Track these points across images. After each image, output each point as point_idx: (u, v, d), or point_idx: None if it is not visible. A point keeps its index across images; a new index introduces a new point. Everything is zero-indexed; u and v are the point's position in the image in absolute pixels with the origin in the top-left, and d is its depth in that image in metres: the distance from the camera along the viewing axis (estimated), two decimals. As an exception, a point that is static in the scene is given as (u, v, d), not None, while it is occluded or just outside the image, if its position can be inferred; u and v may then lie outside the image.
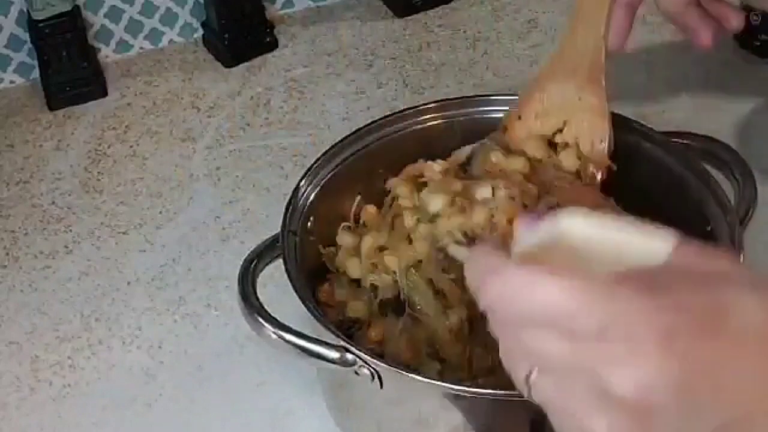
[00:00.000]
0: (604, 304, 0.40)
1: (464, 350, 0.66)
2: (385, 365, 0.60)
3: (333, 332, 0.62)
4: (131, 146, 0.97)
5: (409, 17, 1.10)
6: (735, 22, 0.70)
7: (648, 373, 0.39)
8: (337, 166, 0.73)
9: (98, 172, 0.94)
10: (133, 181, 0.93)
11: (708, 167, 0.71)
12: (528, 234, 0.44)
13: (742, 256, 0.64)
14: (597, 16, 0.71)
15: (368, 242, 0.70)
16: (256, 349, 0.77)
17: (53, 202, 0.92)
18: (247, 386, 0.76)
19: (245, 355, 0.77)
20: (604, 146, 0.72)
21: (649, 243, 0.40)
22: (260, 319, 0.64)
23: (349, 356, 0.61)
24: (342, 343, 0.61)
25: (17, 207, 0.91)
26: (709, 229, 0.67)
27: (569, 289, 0.41)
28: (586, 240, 0.41)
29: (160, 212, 0.90)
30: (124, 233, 0.89)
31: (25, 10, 1.00)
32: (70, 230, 0.89)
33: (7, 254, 0.87)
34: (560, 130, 0.73)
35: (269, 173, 0.93)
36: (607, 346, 0.40)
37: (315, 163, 0.73)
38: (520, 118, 0.74)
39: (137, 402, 0.75)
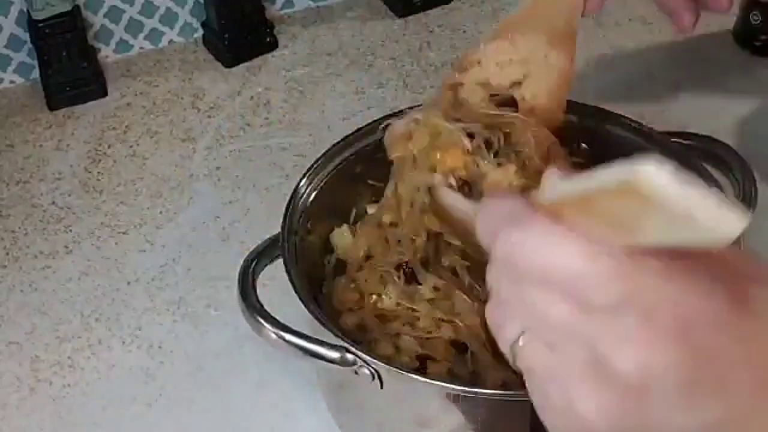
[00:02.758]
0: (628, 279, 0.39)
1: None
2: (385, 365, 0.60)
3: (333, 332, 0.62)
4: (131, 146, 0.97)
5: (409, 17, 1.10)
6: (720, 3, 0.68)
7: (656, 357, 0.38)
8: (337, 166, 0.73)
9: (98, 172, 0.94)
10: (133, 181, 0.93)
11: (708, 167, 0.71)
12: (561, 184, 0.41)
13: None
14: None
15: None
16: (256, 349, 0.77)
17: (53, 202, 0.92)
18: (247, 386, 0.76)
19: (245, 355, 0.78)
20: (559, 112, 0.70)
21: (719, 223, 0.35)
22: (260, 319, 0.64)
23: (349, 356, 0.61)
24: (342, 343, 0.61)
25: (17, 207, 0.91)
26: (709, 229, 0.67)
27: (593, 255, 0.39)
28: (649, 197, 0.35)
29: (160, 212, 0.90)
30: (124, 233, 0.89)
31: (25, 10, 1.00)
32: (70, 230, 0.89)
33: (7, 254, 0.87)
34: (518, 83, 0.70)
35: (269, 173, 0.93)
36: (620, 321, 0.39)
37: (315, 163, 0.73)
38: (479, 62, 0.70)
39: (137, 402, 0.75)
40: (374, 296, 0.69)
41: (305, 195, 0.71)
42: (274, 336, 0.63)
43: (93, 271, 0.85)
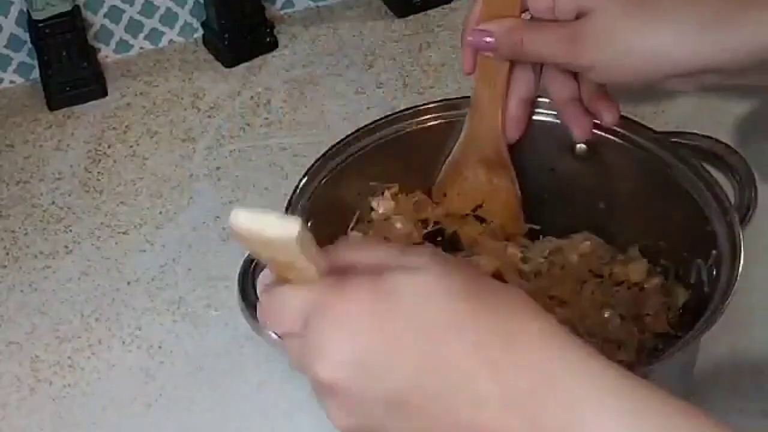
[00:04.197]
0: (304, 305, 0.49)
1: None
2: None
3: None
4: (131, 146, 0.97)
5: (409, 17, 1.10)
6: (608, 117, 0.72)
7: (330, 360, 0.47)
8: (337, 166, 0.73)
9: (98, 172, 0.94)
10: (133, 181, 0.93)
11: (708, 167, 0.71)
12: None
13: (742, 256, 0.64)
14: (492, 111, 0.73)
15: None
16: (256, 349, 0.77)
17: (53, 202, 0.92)
18: (247, 386, 0.76)
19: (245, 355, 0.78)
20: (519, 223, 0.77)
21: (283, 229, 0.44)
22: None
23: (349, 356, 0.61)
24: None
25: (17, 207, 0.91)
26: (709, 229, 0.67)
27: (295, 293, 0.49)
28: (243, 236, 0.45)
29: (160, 212, 0.90)
30: (124, 233, 0.89)
31: (25, 10, 1.00)
32: (70, 230, 0.89)
33: (7, 254, 0.87)
34: (480, 205, 0.77)
35: (269, 173, 0.93)
36: (308, 342, 0.48)
37: (315, 163, 0.73)
38: (445, 195, 0.78)
39: (137, 402, 0.75)
40: None
41: (305, 195, 0.71)
42: (274, 336, 0.63)
43: (93, 271, 0.85)
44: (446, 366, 0.46)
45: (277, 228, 0.44)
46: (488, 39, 0.70)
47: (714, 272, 0.66)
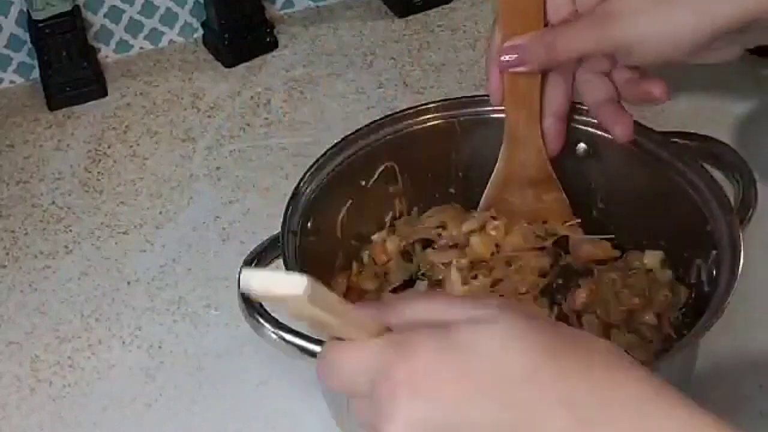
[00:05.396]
0: (367, 366, 0.46)
1: None
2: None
3: (333, 332, 0.62)
4: (131, 146, 0.97)
5: (409, 17, 1.10)
6: (658, 91, 0.70)
7: (402, 422, 0.44)
8: (337, 166, 0.73)
9: (98, 172, 0.94)
10: (133, 181, 0.93)
11: (708, 167, 0.71)
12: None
13: (742, 256, 0.64)
14: (531, 132, 0.73)
15: None
16: (256, 349, 0.77)
17: (53, 202, 0.92)
18: (247, 386, 0.76)
19: (245, 355, 0.78)
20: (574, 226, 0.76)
21: (290, 286, 0.43)
22: (260, 319, 0.64)
23: (349, 356, 0.61)
24: (342, 343, 0.61)
25: (17, 207, 0.91)
26: (709, 229, 0.67)
27: (354, 352, 0.47)
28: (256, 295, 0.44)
29: (160, 212, 0.90)
30: (124, 233, 0.89)
31: (25, 10, 1.00)
32: (70, 230, 0.89)
33: (7, 254, 0.87)
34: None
35: (269, 173, 0.93)
36: (377, 400, 0.45)
37: (315, 163, 0.73)
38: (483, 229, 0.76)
39: (137, 402, 0.75)
40: None
41: (305, 195, 0.71)
42: (274, 336, 0.63)
43: (93, 271, 0.85)
44: (531, 424, 0.44)
45: (284, 286, 0.43)
46: (518, 54, 0.68)
47: (714, 272, 0.66)
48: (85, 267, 0.86)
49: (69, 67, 1.01)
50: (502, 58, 0.69)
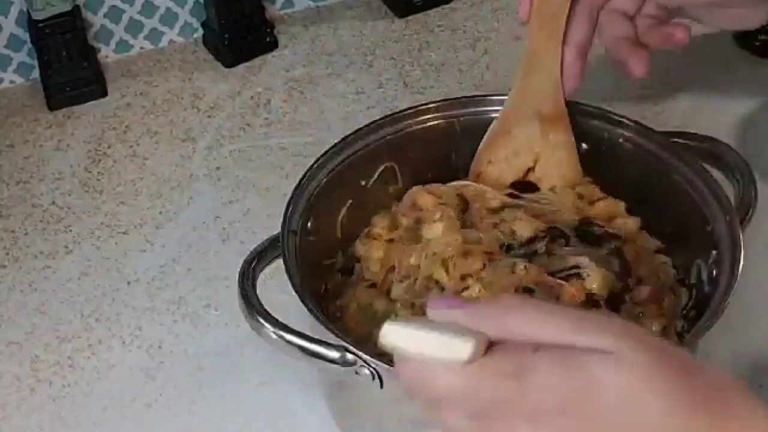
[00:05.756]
0: (487, 388, 0.43)
1: None
2: (385, 365, 0.60)
3: (333, 332, 0.62)
4: (131, 146, 0.97)
5: (409, 17, 1.10)
6: (681, 33, 0.70)
7: None
8: (337, 166, 0.73)
9: (98, 172, 0.94)
10: (133, 181, 0.93)
11: (708, 167, 0.71)
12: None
13: (742, 256, 0.64)
14: (550, 59, 0.72)
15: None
16: (256, 349, 0.77)
17: (53, 202, 0.92)
18: (247, 386, 0.76)
19: (245, 355, 0.78)
20: (579, 175, 0.75)
21: (454, 343, 0.43)
22: (260, 319, 0.64)
23: (350, 356, 0.61)
24: (342, 343, 0.61)
25: (17, 207, 0.91)
26: (709, 229, 0.67)
27: (462, 376, 0.44)
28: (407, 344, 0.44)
29: (160, 212, 0.90)
30: (124, 233, 0.89)
31: (25, 10, 1.00)
32: (70, 230, 0.89)
33: (7, 254, 0.87)
34: (531, 169, 0.75)
35: (269, 173, 0.93)
36: (490, 425, 0.43)
37: (315, 163, 0.73)
38: (490, 161, 0.75)
39: (137, 402, 0.75)
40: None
41: (305, 195, 0.71)
42: (274, 336, 0.63)
43: (93, 271, 0.85)
44: None
45: (441, 351, 0.42)
46: None
47: (714, 272, 0.66)
48: (85, 267, 0.86)
49: (69, 67, 1.01)
50: None
